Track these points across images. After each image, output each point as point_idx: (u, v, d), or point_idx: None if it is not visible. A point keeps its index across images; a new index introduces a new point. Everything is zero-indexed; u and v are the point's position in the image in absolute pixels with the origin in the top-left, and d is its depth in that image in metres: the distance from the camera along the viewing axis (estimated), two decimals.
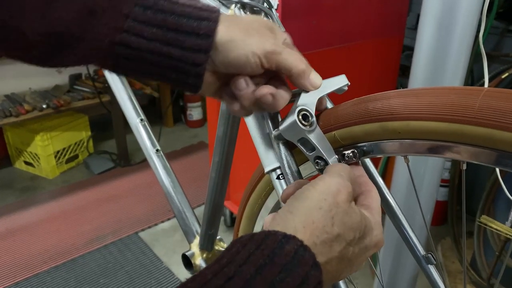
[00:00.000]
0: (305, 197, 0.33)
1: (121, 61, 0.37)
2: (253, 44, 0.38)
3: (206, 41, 0.36)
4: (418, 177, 0.91)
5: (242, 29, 0.38)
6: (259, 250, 0.28)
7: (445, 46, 0.78)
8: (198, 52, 0.36)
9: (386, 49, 1.72)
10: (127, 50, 0.36)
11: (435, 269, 0.50)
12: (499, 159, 0.33)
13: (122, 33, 0.35)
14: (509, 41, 1.71)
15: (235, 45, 0.37)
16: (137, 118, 0.83)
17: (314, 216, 0.32)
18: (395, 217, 0.50)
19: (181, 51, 0.36)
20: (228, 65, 0.38)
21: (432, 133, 0.36)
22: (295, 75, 0.40)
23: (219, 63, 0.38)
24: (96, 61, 0.38)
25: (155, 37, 0.36)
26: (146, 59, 0.37)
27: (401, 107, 0.37)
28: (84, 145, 2.50)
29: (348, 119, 0.42)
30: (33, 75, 2.46)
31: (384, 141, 0.40)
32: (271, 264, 0.28)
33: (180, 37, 0.36)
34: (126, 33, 0.35)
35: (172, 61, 0.37)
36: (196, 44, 0.36)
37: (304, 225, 0.31)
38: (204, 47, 0.36)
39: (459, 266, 1.69)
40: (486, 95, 0.33)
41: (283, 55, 0.39)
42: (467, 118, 0.33)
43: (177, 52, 0.36)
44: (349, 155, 0.43)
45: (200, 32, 0.36)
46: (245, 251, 0.29)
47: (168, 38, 0.36)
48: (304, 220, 0.32)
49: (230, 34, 0.37)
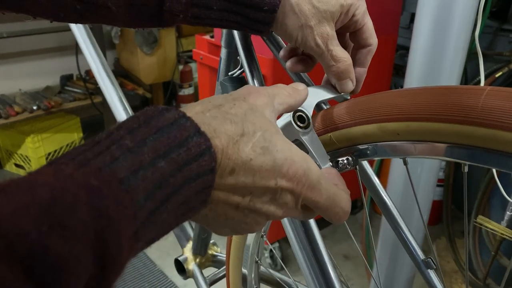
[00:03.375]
0: None
1: (193, 23, 0.42)
2: None
3: (270, 15, 0.40)
4: (415, 178, 0.90)
5: None
6: (135, 118, 0.26)
7: (442, 44, 0.77)
8: (262, 23, 0.41)
9: (380, 48, 1.70)
10: (198, 20, 0.41)
11: (435, 274, 0.49)
12: (501, 161, 0.32)
13: (193, 7, 0.39)
14: (502, 40, 1.72)
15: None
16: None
17: (213, 98, 0.30)
18: (393, 219, 0.49)
19: (246, 20, 0.41)
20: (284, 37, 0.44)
21: (433, 134, 0.34)
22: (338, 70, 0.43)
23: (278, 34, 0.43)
24: (169, 25, 0.42)
25: (223, 8, 0.40)
26: (215, 24, 0.42)
27: (400, 108, 0.35)
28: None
29: (345, 121, 0.40)
30: (24, 76, 2.43)
31: (383, 143, 0.39)
32: (145, 126, 0.25)
33: (245, 9, 0.40)
34: (197, 7, 0.40)
35: (239, 26, 0.42)
36: (260, 16, 0.40)
37: (197, 104, 0.29)
38: (267, 20, 0.40)
39: (454, 266, 1.68)
40: (489, 94, 0.31)
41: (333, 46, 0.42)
42: (469, 118, 0.32)
43: (243, 20, 0.41)
44: (343, 161, 0.41)
45: (264, 7, 0.40)
46: (122, 123, 0.26)
47: (235, 10, 0.40)
48: (200, 101, 0.30)
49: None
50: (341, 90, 0.44)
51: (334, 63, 0.42)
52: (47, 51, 2.50)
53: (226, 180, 0.27)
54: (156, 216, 0.24)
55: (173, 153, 0.24)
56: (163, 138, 0.25)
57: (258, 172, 0.28)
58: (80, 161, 0.22)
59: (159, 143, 0.24)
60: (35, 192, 0.19)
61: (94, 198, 0.21)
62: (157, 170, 0.24)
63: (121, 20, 0.41)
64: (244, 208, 0.29)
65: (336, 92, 0.44)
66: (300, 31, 0.41)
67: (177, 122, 0.26)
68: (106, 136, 0.24)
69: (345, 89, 0.43)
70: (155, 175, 0.23)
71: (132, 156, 0.23)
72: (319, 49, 0.41)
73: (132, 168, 0.23)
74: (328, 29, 0.41)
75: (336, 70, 0.42)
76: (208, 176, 0.26)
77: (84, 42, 0.84)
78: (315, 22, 0.40)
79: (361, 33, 0.44)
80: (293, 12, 0.40)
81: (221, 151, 0.27)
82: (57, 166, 0.22)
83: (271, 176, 0.29)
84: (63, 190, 0.20)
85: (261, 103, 0.31)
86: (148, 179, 0.23)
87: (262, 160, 0.28)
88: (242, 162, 0.27)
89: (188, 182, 0.25)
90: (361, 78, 0.45)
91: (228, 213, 0.29)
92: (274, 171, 0.29)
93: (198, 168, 0.25)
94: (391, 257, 1.01)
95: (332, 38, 0.41)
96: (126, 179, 0.22)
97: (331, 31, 0.41)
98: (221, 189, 0.28)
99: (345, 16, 0.42)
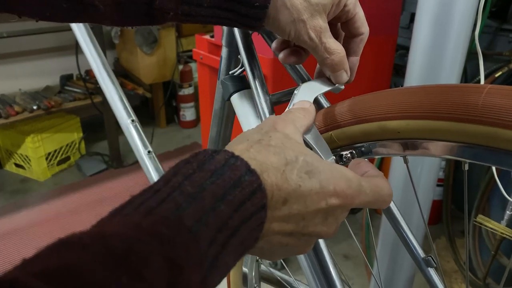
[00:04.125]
0: None
1: (184, 21, 0.42)
2: None
3: (261, 11, 0.40)
4: (415, 177, 0.91)
5: None
6: (188, 164, 0.26)
7: (442, 44, 0.78)
8: (254, 19, 0.40)
9: (380, 48, 1.71)
10: (188, 17, 0.41)
11: (435, 272, 0.49)
12: (502, 158, 0.32)
13: (183, 4, 0.39)
14: (502, 39, 1.72)
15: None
16: (128, 119, 0.81)
17: (248, 134, 0.31)
18: (394, 219, 0.49)
19: (238, 16, 0.40)
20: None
21: (433, 133, 0.34)
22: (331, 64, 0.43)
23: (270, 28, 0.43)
24: (160, 23, 0.42)
25: (214, 5, 0.39)
26: (206, 21, 0.41)
27: (400, 106, 0.35)
28: (76, 146, 2.46)
29: (345, 119, 0.40)
30: (24, 76, 2.43)
31: (383, 141, 0.39)
32: (200, 171, 0.25)
33: (236, 5, 0.40)
34: (188, 4, 0.39)
35: (230, 22, 0.41)
36: (252, 12, 0.40)
37: (238, 142, 0.30)
38: (259, 16, 0.40)
39: (454, 266, 1.68)
40: (489, 92, 0.31)
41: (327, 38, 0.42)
42: (470, 116, 0.32)
43: (235, 17, 0.40)
44: (347, 155, 0.41)
45: (255, 3, 0.39)
46: (174, 168, 0.26)
47: (226, 7, 0.40)
48: (238, 139, 0.31)
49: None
50: (336, 82, 0.44)
51: (328, 56, 0.42)
52: (47, 51, 2.50)
53: (280, 211, 0.28)
54: (219, 260, 0.24)
55: (230, 195, 0.25)
56: (219, 181, 0.25)
57: (309, 196, 0.29)
58: (145, 210, 0.22)
59: (216, 187, 0.25)
60: (108, 243, 0.20)
61: (166, 248, 0.21)
62: (218, 214, 0.24)
63: (109, 18, 0.40)
64: (298, 234, 0.30)
65: (332, 84, 0.44)
66: (293, 26, 0.40)
67: (228, 163, 0.26)
68: (164, 183, 0.25)
69: (340, 81, 0.43)
70: (217, 220, 0.24)
71: (195, 203, 0.24)
72: (313, 43, 0.41)
73: (196, 215, 0.23)
74: (320, 22, 0.41)
75: (330, 63, 0.42)
76: (261, 213, 0.27)
77: (84, 41, 0.84)
78: (307, 16, 0.40)
79: (353, 23, 0.44)
80: (285, 7, 0.40)
81: (271, 185, 0.27)
82: (124, 217, 0.22)
83: (321, 198, 0.29)
84: (136, 240, 0.20)
85: (290, 130, 0.33)
86: (211, 224, 0.23)
87: (310, 184, 0.29)
88: (292, 190, 0.28)
89: (245, 221, 0.25)
90: (355, 67, 0.45)
91: (282, 241, 0.30)
92: (323, 192, 0.29)
93: (252, 206, 0.26)
94: (392, 256, 1.01)
95: (325, 31, 0.41)
96: (193, 226, 0.23)
97: (324, 23, 0.41)
98: (275, 221, 0.28)
99: (337, 7, 0.42)
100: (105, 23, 0.42)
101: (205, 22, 0.42)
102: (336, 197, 0.30)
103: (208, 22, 0.42)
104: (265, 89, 0.46)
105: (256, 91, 0.46)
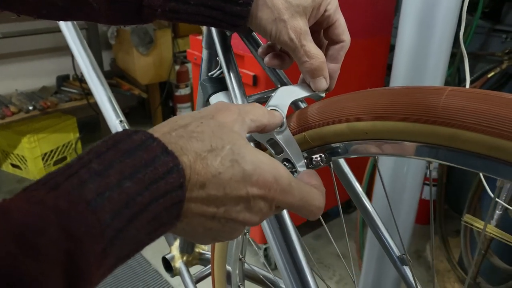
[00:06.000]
0: None
1: (171, 18, 0.43)
2: None
3: (245, 8, 0.41)
4: (401, 176, 0.91)
5: None
6: (104, 142, 0.27)
7: (426, 44, 0.78)
8: (238, 17, 0.42)
9: (374, 48, 1.72)
10: (176, 15, 0.42)
11: (410, 270, 0.50)
12: (464, 159, 0.32)
13: (171, 1, 0.40)
14: (495, 40, 1.72)
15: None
16: (116, 119, 0.82)
17: (180, 117, 0.31)
18: (370, 219, 0.50)
19: (223, 15, 0.42)
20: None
21: (398, 133, 0.35)
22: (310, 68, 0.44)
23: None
24: (149, 20, 0.44)
25: (200, 2, 0.41)
26: (192, 19, 0.43)
27: (367, 107, 0.36)
28: (72, 147, 2.47)
29: (317, 120, 0.41)
30: (20, 76, 2.44)
31: (354, 142, 0.40)
32: (113, 149, 0.26)
33: (221, 3, 0.41)
34: (175, 1, 0.41)
35: (215, 20, 0.43)
36: (236, 10, 0.41)
37: (164, 125, 0.31)
38: (242, 13, 0.41)
39: (447, 265, 1.69)
40: (450, 94, 0.32)
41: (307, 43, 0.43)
42: (431, 118, 0.32)
43: (220, 15, 0.42)
44: (316, 159, 0.42)
45: (239, 1, 0.41)
46: (92, 147, 0.27)
47: (211, 5, 0.41)
48: (167, 122, 0.31)
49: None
50: (315, 88, 0.44)
51: (307, 59, 0.43)
52: (43, 52, 2.51)
53: (197, 194, 0.29)
54: (124, 233, 0.25)
55: (139, 173, 0.26)
56: (129, 159, 0.26)
57: (228, 184, 0.30)
58: (51, 185, 0.24)
59: (125, 165, 0.26)
60: (9, 217, 0.21)
61: (62, 220, 0.22)
62: (124, 190, 0.25)
63: (104, 16, 0.42)
64: (221, 218, 0.31)
65: (311, 91, 0.45)
66: (274, 25, 0.42)
67: (144, 144, 0.27)
68: (77, 160, 0.26)
69: (319, 87, 0.44)
70: (121, 196, 0.25)
71: (99, 179, 0.25)
72: (293, 44, 0.42)
73: (98, 190, 0.24)
74: (301, 23, 0.42)
75: (309, 67, 0.43)
76: (178, 192, 0.27)
77: (74, 42, 0.85)
78: (288, 16, 0.41)
79: (334, 29, 0.45)
80: (266, 6, 0.41)
81: (189, 167, 0.28)
82: (29, 192, 0.23)
83: (242, 187, 0.30)
84: (33, 214, 0.22)
85: (230, 119, 0.33)
86: (114, 200, 0.25)
87: (231, 172, 0.30)
88: (212, 176, 0.29)
89: (156, 199, 0.26)
90: (335, 74, 0.46)
91: (205, 224, 0.31)
92: (244, 181, 0.30)
93: (166, 185, 0.27)
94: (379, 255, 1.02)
95: (305, 33, 0.42)
96: (93, 200, 0.24)
97: (304, 26, 0.42)
98: (194, 202, 0.29)
99: (317, 11, 0.43)
100: (100, 21, 0.43)
101: (191, 21, 0.43)
102: (258, 188, 0.31)
103: (194, 21, 0.43)
104: (242, 90, 0.47)
105: (233, 93, 0.47)
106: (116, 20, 0.43)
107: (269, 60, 0.46)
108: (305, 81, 0.45)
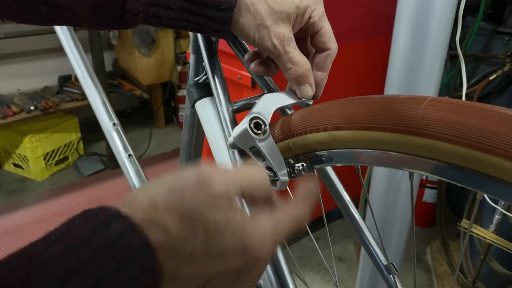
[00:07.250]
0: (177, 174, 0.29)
1: (154, 23, 0.43)
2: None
3: (227, 14, 0.41)
4: (396, 180, 0.90)
5: None
6: (78, 228, 0.24)
7: (420, 48, 0.77)
8: (220, 23, 0.41)
9: (375, 49, 1.71)
10: (158, 20, 0.42)
11: (397, 280, 0.49)
12: (441, 170, 0.32)
13: (153, 6, 0.40)
14: (497, 42, 1.71)
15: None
16: (109, 122, 0.82)
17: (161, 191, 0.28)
18: (355, 224, 0.49)
19: (205, 20, 0.41)
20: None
21: (378, 143, 0.34)
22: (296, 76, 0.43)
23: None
24: (131, 26, 0.44)
25: (182, 7, 0.41)
26: (175, 24, 0.42)
27: (346, 116, 0.36)
28: (74, 147, 2.48)
29: (300, 128, 0.41)
30: (22, 76, 2.45)
31: (336, 150, 0.39)
32: (84, 244, 0.23)
33: (204, 9, 0.41)
34: (157, 6, 0.41)
35: (198, 26, 0.42)
36: (218, 16, 0.41)
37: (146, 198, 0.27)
38: (225, 19, 0.41)
39: (448, 269, 1.68)
40: (429, 104, 0.32)
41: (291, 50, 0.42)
42: (410, 128, 0.32)
43: (202, 20, 0.42)
44: (298, 168, 0.42)
45: (221, 6, 0.41)
46: (66, 226, 0.24)
47: (193, 10, 0.41)
48: (148, 194, 0.27)
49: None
50: (300, 96, 0.44)
51: (291, 66, 0.42)
52: (45, 52, 2.52)
53: None
54: None
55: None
56: (99, 263, 0.23)
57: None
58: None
59: (90, 270, 0.23)
60: None
61: None
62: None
63: (86, 21, 0.42)
64: None
65: (297, 98, 0.44)
66: (257, 31, 0.41)
67: (122, 239, 0.24)
68: (43, 246, 0.24)
69: (305, 95, 0.43)
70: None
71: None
72: (276, 50, 0.42)
73: None
74: (284, 30, 0.41)
75: (294, 74, 0.42)
76: None
77: (68, 45, 0.85)
78: (271, 22, 0.41)
79: (319, 37, 0.44)
80: (249, 12, 0.41)
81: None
82: None
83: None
84: None
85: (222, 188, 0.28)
86: None
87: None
88: None
89: None
90: (321, 82, 0.45)
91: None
92: None
93: None
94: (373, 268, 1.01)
95: (289, 40, 0.42)
96: None
97: (288, 33, 0.42)
98: None
99: (302, 18, 0.42)
100: (82, 25, 0.43)
101: (175, 26, 0.43)
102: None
103: (178, 26, 0.43)
104: (227, 96, 0.47)
105: (218, 99, 0.46)
106: (98, 25, 0.43)
107: (254, 67, 0.46)
108: (291, 88, 0.45)
